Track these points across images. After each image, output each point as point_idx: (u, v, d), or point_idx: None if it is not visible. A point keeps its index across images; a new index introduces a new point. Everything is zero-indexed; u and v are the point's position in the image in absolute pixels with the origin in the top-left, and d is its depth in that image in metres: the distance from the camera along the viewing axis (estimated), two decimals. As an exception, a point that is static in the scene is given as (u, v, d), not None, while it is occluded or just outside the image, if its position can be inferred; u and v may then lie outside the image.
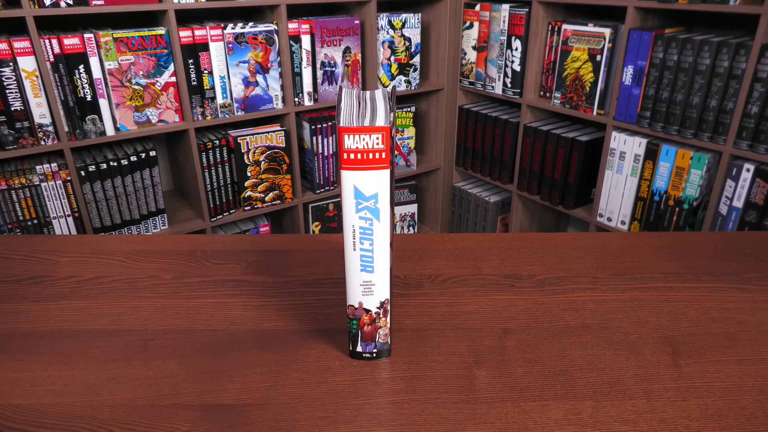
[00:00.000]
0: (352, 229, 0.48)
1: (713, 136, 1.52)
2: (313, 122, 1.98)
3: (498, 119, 2.12)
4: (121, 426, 0.47)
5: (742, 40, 1.43)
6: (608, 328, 0.60)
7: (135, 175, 1.74)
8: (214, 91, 1.77)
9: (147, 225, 1.82)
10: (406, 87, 2.18)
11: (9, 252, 0.75)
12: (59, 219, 1.65)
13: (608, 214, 1.84)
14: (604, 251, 0.75)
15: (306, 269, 0.71)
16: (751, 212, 1.46)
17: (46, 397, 0.50)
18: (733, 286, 0.67)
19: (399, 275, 0.70)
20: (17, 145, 1.52)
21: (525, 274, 0.70)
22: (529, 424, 0.48)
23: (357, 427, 0.47)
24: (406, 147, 2.31)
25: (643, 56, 1.61)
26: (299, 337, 0.58)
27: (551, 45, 1.92)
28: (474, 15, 2.09)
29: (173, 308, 0.63)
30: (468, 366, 0.54)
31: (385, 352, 0.55)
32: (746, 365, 0.54)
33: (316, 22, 1.87)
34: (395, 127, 2.00)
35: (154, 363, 0.55)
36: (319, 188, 2.10)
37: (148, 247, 0.76)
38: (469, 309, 0.63)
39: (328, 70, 1.96)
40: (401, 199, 2.44)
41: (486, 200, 2.27)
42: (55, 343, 0.57)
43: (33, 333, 0.59)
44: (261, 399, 0.50)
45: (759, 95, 1.39)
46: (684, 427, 0.47)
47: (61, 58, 1.51)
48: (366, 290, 0.51)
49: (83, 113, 1.59)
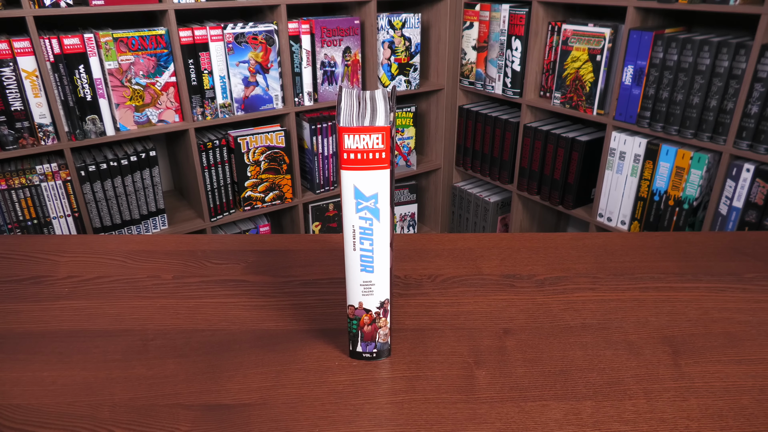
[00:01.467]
0: (352, 229, 0.48)
1: (713, 136, 1.52)
2: (313, 122, 1.98)
3: (498, 119, 2.12)
4: (121, 426, 0.47)
5: (742, 40, 1.43)
6: (608, 328, 0.60)
7: (135, 175, 1.74)
8: (214, 91, 1.77)
9: (147, 225, 1.82)
10: (406, 87, 2.18)
11: (9, 252, 0.75)
12: (59, 219, 1.65)
13: (608, 214, 1.84)
14: (604, 251, 0.75)
15: (306, 269, 0.71)
16: (751, 212, 1.46)
17: (46, 397, 0.50)
18: (733, 286, 0.67)
19: (399, 275, 0.70)
20: (17, 145, 1.52)
21: (525, 274, 0.70)
22: (529, 424, 0.48)
23: (357, 427, 0.47)
24: (406, 147, 2.31)
25: (643, 56, 1.61)
26: (299, 337, 0.58)
27: (551, 45, 1.92)
28: (474, 15, 2.09)
29: (173, 308, 0.63)
30: (468, 366, 0.54)
31: (385, 352, 0.55)
32: (746, 365, 0.54)
33: (316, 22, 1.87)
34: (395, 127, 2.00)
35: (154, 363, 0.55)
36: (319, 188, 2.10)
37: (148, 247, 0.76)
38: (469, 309, 0.63)
39: (328, 70, 1.96)
40: (401, 199, 2.44)
41: (486, 200, 2.27)
42: (55, 342, 0.57)
43: (33, 333, 0.59)
44: (261, 399, 0.50)
45: (759, 95, 1.39)
46: (684, 427, 0.47)
47: (61, 58, 1.51)
48: (366, 290, 0.51)
49: (83, 113, 1.59)
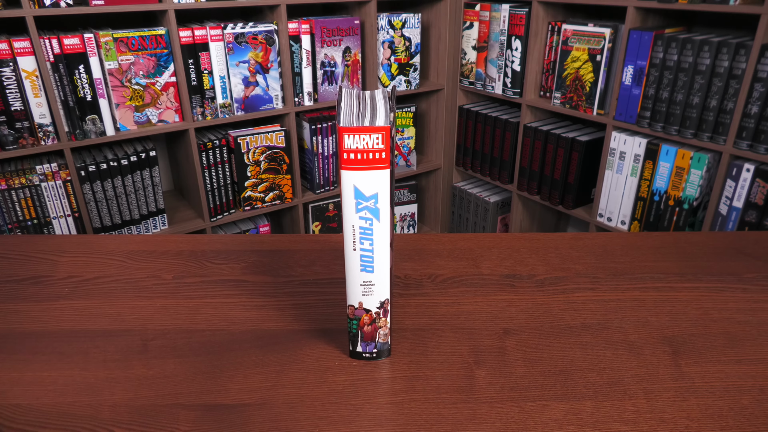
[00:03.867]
0: (352, 229, 0.48)
1: (713, 136, 1.52)
2: (313, 122, 1.98)
3: (498, 119, 2.12)
4: (121, 426, 0.47)
5: (742, 40, 1.43)
6: (608, 328, 0.60)
7: (135, 175, 1.74)
8: (214, 91, 1.77)
9: (147, 225, 1.82)
10: (406, 87, 2.18)
11: (9, 252, 0.75)
12: (59, 219, 1.65)
13: (608, 214, 1.84)
14: (604, 251, 0.75)
15: (306, 269, 0.71)
16: (751, 212, 1.46)
17: (46, 397, 0.50)
18: (733, 286, 0.67)
19: (399, 275, 0.70)
20: (17, 145, 1.52)
21: (525, 274, 0.70)
22: (529, 424, 0.48)
23: (357, 427, 0.47)
24: (406, 147, 2.31)
25: (643, 56, 1.61)
26: (299, 337, 0.58)
27: (551, 45, 1.92)
28: (474, 15, 2.09)
29: (173, 308, 0.63)
30: (468, 366, 0.54)
31: (385, 352, 0.55)
32: (746, 365, 0.54)
33: (316, 22, 1.87)
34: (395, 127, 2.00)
35: (154, 363, 0.55)
36: (319, 188, 2.10)
37: (148, 247, 0.76)
38: (469, 309, 0.63)
39: (328, 70, 1.96)
40: (401, 199, 2.44)
41: (486, 200, 2.27)
42: (55, 343, 0.57)
43: (33, 333, 0.59)
44: (261, 399, 0.50)
45: (759, 95, 1.39)
46: (684, 427, 0.47)
47: (61, 58, 1.51)
48: (366, 290, 0.51)
49: (83, 113, 1.59)
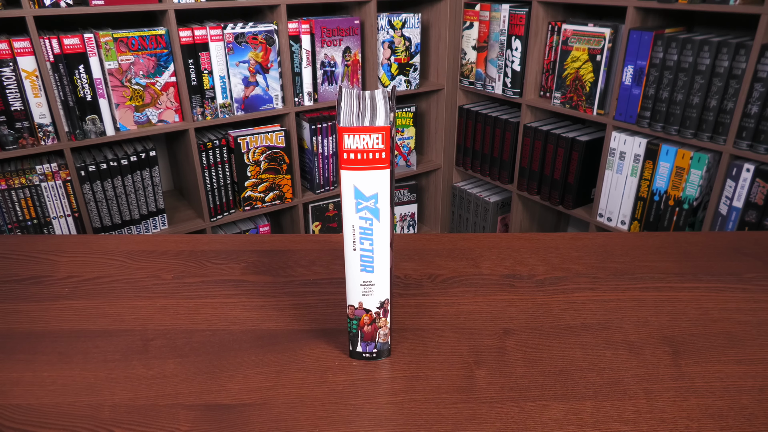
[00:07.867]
0: (352, 229, 0.48)
1: (713, 136, 1.52)
2: (313, 122, 1.98)
3: (498, 119, 2.12)
4: (121, 426, 0.47)
5: (742, 40, 1.43)
6: (608, 328, 0.60)
7: (135, 175, 1.74)
8: (214, 91, 1.77)
9: (147, 225, 1.82)
10: (406, 87, 2.18)
11: (9, 252, 0.75)
12: (59, 219, 1.65)
13: (608, 214, 1.84)
14: (604, 251, 0.75)
15: (306, 269, 0.71)
16: (751, 212, 1.46)
17: (46, 397, 0.50)
18: (733, 286, 0.67)
19: (399, 275, 0.70)
20: (17, 145, 1.52)
21: (525, 274, 0.70)
22: (529, 424, 0.48)
23: (357, 427, 0.47)
24: (406, 147, 2.31)
25: (643, 56, 1.61)
26: (299, 337, 0.58)
27: (551, 45, 1.92)
28: (474, 15, 2.09)
29: (173, 308, 0.63)
30: (468, 366, 0.54)
31: (385, 352, 0.55)
32: (746, 365, 0.54)
33: (316, 22, 1.87)
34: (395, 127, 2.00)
35: (154, 363, 0.55)
36: (319, 188, 2.10)
37: (148, 247, 0.76)
38: (469, 309, 0.63)
39: (328, 70, 1.96)
40: (401, 199, 2.44)
41: (486, 200, 2.27)
42: (55, 343, 0.57)
43: (33, 333, 0.59)
44: (261, 399, 0.50)
45: (759, 95, 1.39)
46: (684, 427, 0.47)
47: (61, 58, 1.51)
48: (366, 290, 0.51)
49: (83, 113, 1.59)
